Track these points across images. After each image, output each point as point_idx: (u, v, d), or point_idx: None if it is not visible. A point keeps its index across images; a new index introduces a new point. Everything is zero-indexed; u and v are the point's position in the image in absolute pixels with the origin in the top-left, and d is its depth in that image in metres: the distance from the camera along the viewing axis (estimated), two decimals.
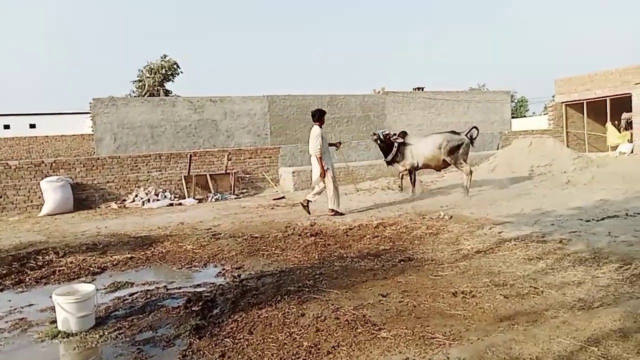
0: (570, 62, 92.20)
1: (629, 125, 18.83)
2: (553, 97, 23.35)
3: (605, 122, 19.46)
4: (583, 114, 20.21)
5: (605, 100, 19.02)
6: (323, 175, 8.25)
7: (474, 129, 10.09)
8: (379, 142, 9.82)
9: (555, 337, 2.95)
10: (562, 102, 20.78)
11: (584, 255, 4.79)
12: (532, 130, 20.81)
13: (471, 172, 9.79)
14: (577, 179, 10.80)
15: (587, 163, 12.22)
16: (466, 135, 9.81)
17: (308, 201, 8.63)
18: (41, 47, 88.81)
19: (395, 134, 9.84)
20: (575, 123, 20.88)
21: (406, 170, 9.89)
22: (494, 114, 21.81)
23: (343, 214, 8.29)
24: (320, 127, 8.36)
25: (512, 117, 24.89)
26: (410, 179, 10.02)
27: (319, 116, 8.40)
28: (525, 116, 47.83)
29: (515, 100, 50.66)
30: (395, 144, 9.68)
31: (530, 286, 4.01)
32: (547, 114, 23.80)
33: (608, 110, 18.98)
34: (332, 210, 8.33)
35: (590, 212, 7.01)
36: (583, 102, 19.97)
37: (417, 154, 9.73)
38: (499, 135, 19.11)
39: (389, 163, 9.96)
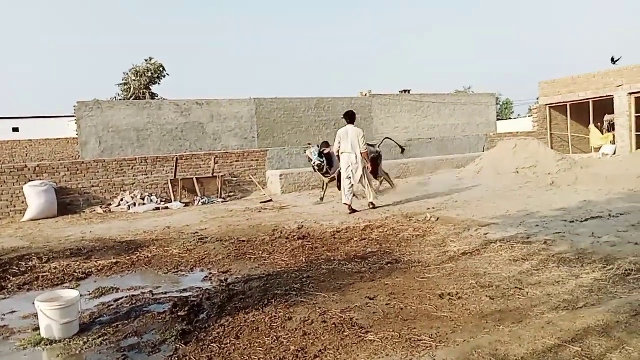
0: (554, 64, 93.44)
1: (612, 127, 19.16)
2: (537, 99, 23.67)
3: (588, 124, 19.78)
4: (567, 116, 20.50)
5: (588, 102, 19.31)
6: (372, 169, 9.18)
7: (387, 139, 11.68)
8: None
9: (540, 337, 2.99)
10: (546, 105, 21.05)
11: (568, 256, 4.86)
12: (517, 133, 21.09)
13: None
14: (561, 180, 10.94)
15: (570, 164, 12.40)
16: (378, 146, 10.87)
17: (372, 203, 8.99)
18: (24, 49, 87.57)
19: (319, 146, 10.06)
20: (559, 125, 21.18)
21: (333, 177, 10.11)
22: (480, 117, 22.02)
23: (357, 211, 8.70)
24: None
25: (498, 120, 25.15)
26: (338, 186, 10.22)
27: (352, 117, 8.93)
28: (510, 118, 48.37)
29: (501, 103, 51.25)
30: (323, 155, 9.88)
31: (516, 287, 4.05)
32: (531, 116, 24.07)
33: (591, 112, 19.28)
34: (371, 204, 8.90)
35: (574, 213, 7.10)
36: (566, 105, 20.26)
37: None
38: (484, 138, 19.31)
39: (324, 174, 10.15)
